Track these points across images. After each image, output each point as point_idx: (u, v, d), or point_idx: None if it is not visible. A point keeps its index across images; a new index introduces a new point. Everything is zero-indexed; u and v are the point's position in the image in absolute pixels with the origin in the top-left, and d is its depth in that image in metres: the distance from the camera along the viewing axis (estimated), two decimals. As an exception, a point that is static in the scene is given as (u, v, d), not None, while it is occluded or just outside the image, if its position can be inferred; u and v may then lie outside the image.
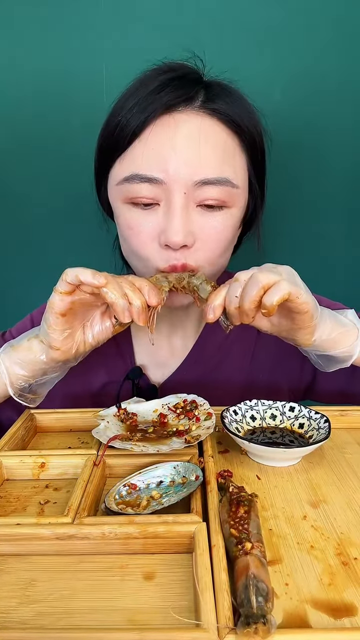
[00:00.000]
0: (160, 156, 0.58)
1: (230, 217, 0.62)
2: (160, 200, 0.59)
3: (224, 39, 0.95)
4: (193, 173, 0.58)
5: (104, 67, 0.96)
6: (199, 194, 0.59)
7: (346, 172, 1.02)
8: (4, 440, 0.56)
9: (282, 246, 1.06)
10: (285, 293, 0.49)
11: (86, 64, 0.96)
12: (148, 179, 0.58)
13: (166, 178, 0.58)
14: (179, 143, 0.58)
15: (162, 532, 0.41)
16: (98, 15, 0.94)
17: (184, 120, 0.58)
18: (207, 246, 0.61)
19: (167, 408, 0.63)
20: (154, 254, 0.61)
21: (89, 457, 0.53)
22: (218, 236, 0.62)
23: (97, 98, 0.97)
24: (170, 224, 0.58)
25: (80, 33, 0.95)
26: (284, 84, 0.97)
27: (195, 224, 0.60)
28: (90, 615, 0.35)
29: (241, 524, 0.41)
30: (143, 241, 0.61)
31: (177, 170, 0.57)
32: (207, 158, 0.58)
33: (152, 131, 0.58)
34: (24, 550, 0.42)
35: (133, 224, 0.61)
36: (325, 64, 0.97)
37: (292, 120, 0.99)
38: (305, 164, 1.02)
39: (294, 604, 0.36)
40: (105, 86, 0.97)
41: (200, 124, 0.59)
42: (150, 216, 0.60)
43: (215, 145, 0.59)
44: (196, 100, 0.59)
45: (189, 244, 0.60)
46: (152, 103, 0.58)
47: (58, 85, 0.97)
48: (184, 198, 0.58)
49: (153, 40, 0.94)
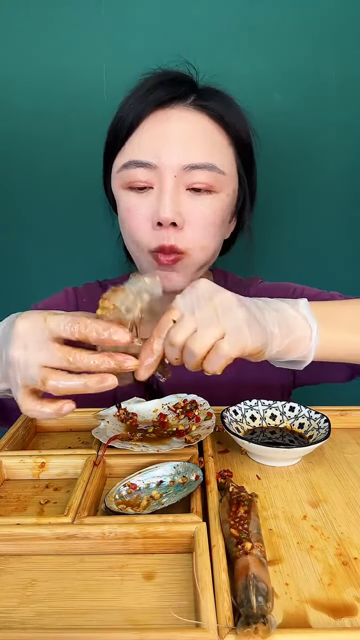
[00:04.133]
0: (153, 144, 0.65)
1: (218, 201, 0.67)
2: (153, 183, 0.66)
3: (222, 40, 0.95)
4: (182, 158, 0.64)
5: (104, 67, 0.96)
6: (188, 177, 0.65)
7: (344, 171, 1.02)
8: (4, 440, 0.56)
9: (280, 245, 1.06)
10: (229, 359, 0.45)
11: (86, 64, 0.96)
12: (143, 164, 0.65)
13: (158, 163, 0.64)
14: (170, 132, 0.64)
15: (162, 532, 0.41)
16: (98, 16, 0.94)
17: (176, 115, 0.65)
18: (196, 229, 0.66)
19: (167, 408, 0.63)
20: (147, 235, 0.67)
21: (89, 457, 0.53)
22: (206, 219, 0.66)
23: (97, 98, 0.97)
24: (160, 202, 0.64)
25: (80, 33, 0.95)
26: (282, 84, 0.97)
27: (184, 206, 0.65)
28: (90, 615, 0.36)
29: (241, 524, 0.41)
30: (138, 222, 0.67)
31: (168, 155, 0.64)
32: (195, 145, 0.65)
33: (147, 124, 0.65)
34: (24, 550, 0.42)
35: (130, 207, 0.67)
36: (323, 64, 0.96)
37: (289, 120, 0.99)
38: (303, 163, 1.02)
39: (294, 604, 0.36)
40: (106, 86, 0.97)
41: (190, 118, 0.65)
42: (145, 199, 0.66)
43: (203, 136, 0.66)
44: (188, 99, 0.66)
45: (178, 223, 0.65)
46: (147, 99, 0.65)
47: (58, 85, 0.97)
48: (174, 181, 0.64)
49: (152, 41, 0.94)
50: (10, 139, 1.00)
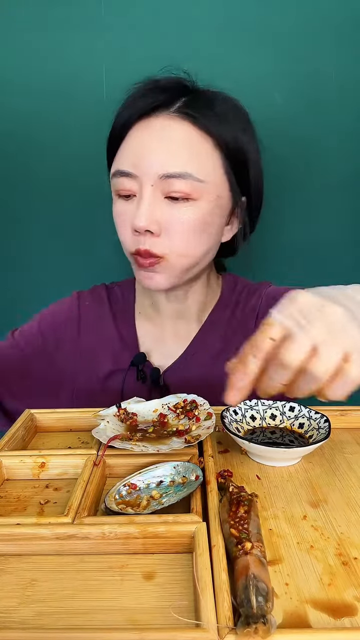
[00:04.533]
0: (134, 154, 0.67)
1: (196, 209, 0.68)
2: (135, 192, 0.68)
3: (222, 40, 0.95)
4: (159, 168, 0.65)
5: (104, 67, 0.96)
6: (165, 186, 0.66)
7: (344, 173, 1.02)
8: (4, 440, 0.56)
9: (282, 249, 1.05)
10: (355, 386, 0.41)
11: (86, 64, 0.96)
12: (126, 174, 0.68)
13: (138, 172, 0.66)
14: (150, 143, 0.66)
15: (162, 532, 0.41)
16: (98, 16, 0.94)
17: (159, 123, 0.67)
18: (172, 236, 0.68)
19: (167, 408, 0.63)
20: (128, 239, 0.70)
21: (89, 457, 0.53)
22: (183, 226, 0.68)
23: (97, 98, 0.97)
24: (137, 210, 0.67)
25: (80, 33, 0.95)
26: (282, 86, 0.97)
27: (162, 215, 0.67)
28: (90, 615, 0.35)
29: (241, 523, 0.41)
30: (122, 227, 0.70)
31: (147, 165, 0.66)
32: (172, 155, 0.66)
33: (132, 133, 0.68)
34: (24, 550, 0.42)
35: (118, 213, 0.71)
36: (323, 64, 0.96)
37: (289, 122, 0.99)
38: (306, 167, 1.02)
39: (294, 604, 0.36)
40: (106, 86, 0.97)
41: (171, 126, 0.67)
42: (128, 206, 0.69)
43: (182, 145, 0.66)
44: (172, 106, 0.67)
45: (154, 230, 0.67)
46: (132, 108, 0.68)
47: (58, 86, 0.97)
48: (152, 189, 0.66)
49: (152, 41, 0.94)
50: (10, 139, 1.00)
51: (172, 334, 0.81)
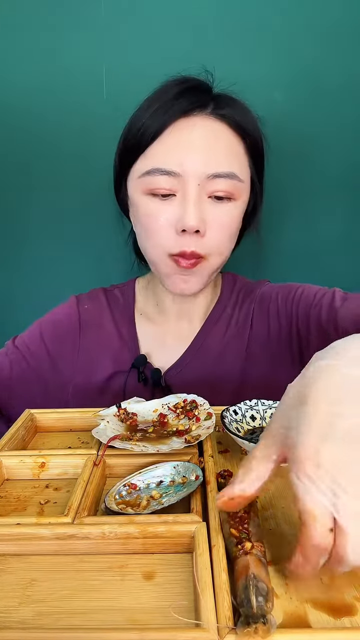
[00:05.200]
0: (177, 152, 0.66)
1: (236, 208, 0.69)
2: (176, 191, 0.67)
3: (222, 40, 0.95)
4: (206, 167, 0.65)
5: (104, 67, 0.96)
6: (210, 185, 0.66)
7: (345, 171, 1.02)
8: (4, 440, 0.56)
9: (282, 246, 1.06)
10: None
11: (86, 64, 0.96)
12: (167, 172, 0.66)
13: (182, 171, 0.65)
14: (194, 142, 0.66)
15: (162, 532, 0.41)
16: (99, 16, 0.94)
17: (198, 123, 0.66)
18: (216, 235, 0.68)
19: (167, 408, 0.63)
20: (169, 240, 0.68)
21: (89, 457, 0.53)
22: (225, 226, 0.69)
23: (97, 98, 0.97)
24: (186, 211, 0.65)
25: (80, 33, 0.95)
26: (284, 86, 0.97)
27: (207, 214, 0.67)
28: (90, 615, 0.35)
29: (241, 523, 0.40)
30: (160, 228, 0.68)
31: (193, 164, 0.65)
32: (218, 155, 0.66)
33: (171, 132, 0.66)
34: (24, 550, 0.42)
35: (151, 213, 0.68)
36: (326, 65, 0.96)
37: (290, 121, 0.99)
38: (304, 163, 1.02)
39: (294, 604, 0.36)
40: (106, 86, 0.97)
41: (212, 126, 0.67)
42: (168, 206, 0.67)
43: (224, 145, 0.67)
44: (208, 107, 0.67)
45: (202, 230, 0.66)
46: (172, 108, 0.66)
47: (58, 86, 0.97)
48: (198, 189, 0.66)
49: (152, 41, 0.94)
50: (10, 139, 1.00)
51: (174, 335, 0.82)
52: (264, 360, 0.79)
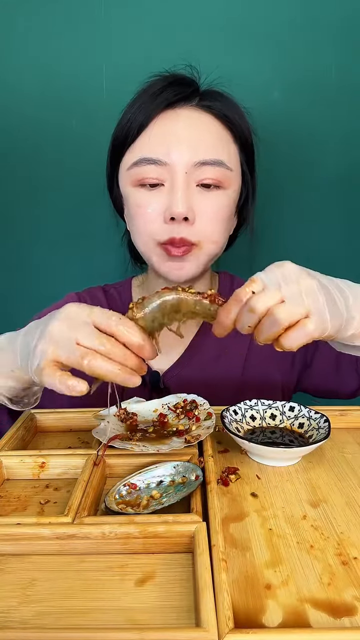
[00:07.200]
0: (164, 142, 0.67)
1: (225, 197, 0.70)
2: (164, 180, 0.67)
3: (222, 39, 0.95)
4: (192, 155, 0.66)
5: (104, 67, 0.96)
6: (198, 174, 0.67)
7: (343, 170, 1.02)
8: (4, 440, 0.56)
9: (279, 244, 1.05)
10: (310, 338, 0.46)
11: (86, 64, 0.96)
12: (154, 161, 0.67)
13: (169, 160, 0.66)
14: (180, 131, 0.67)
15: (162, 532, 0.41)
16: (99, 16, 0.94)
17: (184, 114, 0.68)
18: (206, 223, 0.68)
19: (167, 408, 0.63)
20: (157, 229, 0.68)
21: (89, 457, 0.53)
22: (215, 214, 0.69)
23: (97, 98, 0.97)
24: (173, 198, 0.66)
25: (80, 33, 0.95)
26: (282, 85, 0.97)
27: (195, 202, 0.67)
28: (90, 615, 0.36)
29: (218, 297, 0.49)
30: (149, 218, 0.68)
31: (179, 152, 0.66)
32: (204, 143, 0.67)
33: (157, 123, 0.67)
34: (24, 550, 0.42)
35: (141, 203, 0.69)
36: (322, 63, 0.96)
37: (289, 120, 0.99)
38: (303, 162, 1.02)
39: (294, 604, 0.36)
40: (106, 86, 0.97)
41: (197, 117, 0.68)
42: (156, 196, 0.68)
43: (210, 134, 0.68)
44: (193, 100, 0.69)
45: (190, 217, 0.66)
46: (156, 100, 0.67)
47: (58, 86, 0.97)
48: (185, 177, 0.66)
49: (152, 41, 0.94)
50: (10, 140, 1.00)
51: (171, 335, 0.81)
52: (264, 360, 0.79)
